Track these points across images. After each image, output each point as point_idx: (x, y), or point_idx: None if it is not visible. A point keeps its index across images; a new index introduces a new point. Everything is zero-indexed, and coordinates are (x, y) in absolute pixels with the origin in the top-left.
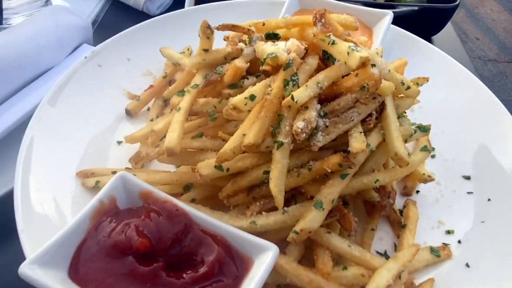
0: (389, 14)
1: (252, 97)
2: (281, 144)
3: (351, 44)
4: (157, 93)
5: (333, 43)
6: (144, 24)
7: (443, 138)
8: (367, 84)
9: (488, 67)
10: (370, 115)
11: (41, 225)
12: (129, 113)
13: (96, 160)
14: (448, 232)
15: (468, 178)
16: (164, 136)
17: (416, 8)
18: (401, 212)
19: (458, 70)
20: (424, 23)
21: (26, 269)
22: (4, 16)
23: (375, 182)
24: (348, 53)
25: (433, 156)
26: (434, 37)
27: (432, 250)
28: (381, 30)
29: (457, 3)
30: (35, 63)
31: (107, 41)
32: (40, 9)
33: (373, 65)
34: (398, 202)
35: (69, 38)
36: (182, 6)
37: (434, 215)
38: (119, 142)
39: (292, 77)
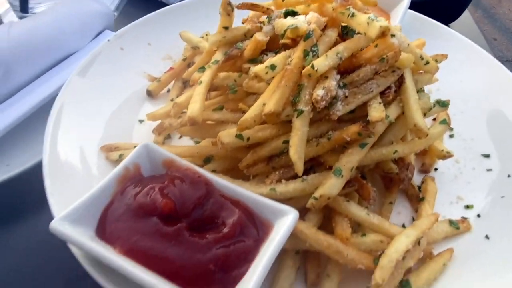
0: None
1: (272, 67)
2: (301, 112)
3: (371, 15)
4: (177, 75)
5: (353, 15)
6: (164, 10)
7: (462, 118)
8: (387, 56)
9: (506, 67)
10: (389, 88)
11: (68, 190)
12: (150, 94)
13: (118, 138)
14: (467, 206)
15: (487, 156)
16: (186, 110)
17: None
18: (419, 188)
19: (476, 51)
20: (441, 10)
21: (57, 225)
22: (29, 6)
23: (394, 153)
24: (368, 23)
25: (451, 136)
26: (453, 27)
27: (451, 222)
28: (399, 14)
29: None
30: (59, 47)
31: (129, 25)
32: None
33: (393, 36)
34: (416, 180)
35: (91, 24)
36: None
37: (453, 191)
38: (141, 121)
39: (312, 48)
